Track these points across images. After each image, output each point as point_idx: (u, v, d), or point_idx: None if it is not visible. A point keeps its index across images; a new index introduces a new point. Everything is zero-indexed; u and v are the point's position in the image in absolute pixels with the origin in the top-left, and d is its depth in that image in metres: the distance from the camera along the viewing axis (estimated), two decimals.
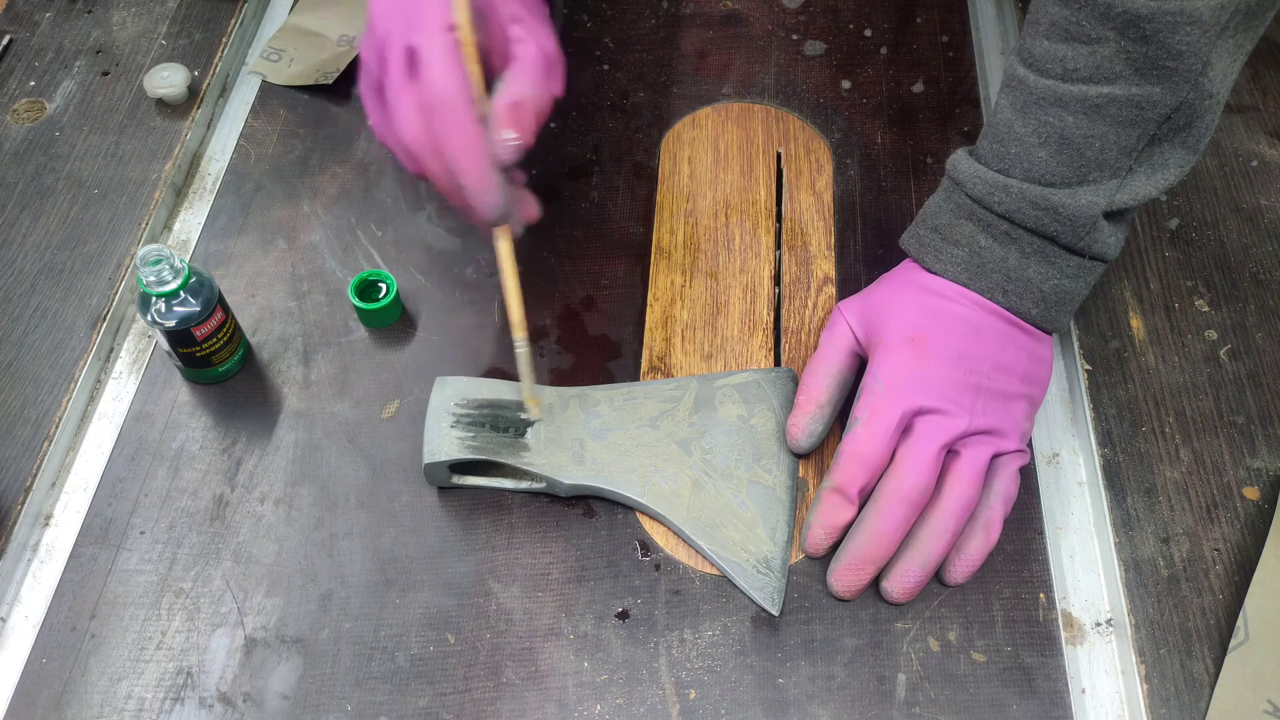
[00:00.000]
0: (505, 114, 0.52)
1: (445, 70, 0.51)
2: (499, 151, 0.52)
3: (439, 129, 0.52)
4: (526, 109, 0.53)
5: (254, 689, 0.53)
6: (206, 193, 0.74)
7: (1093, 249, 0.55)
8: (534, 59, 0.54)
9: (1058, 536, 0.58)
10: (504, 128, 0.52)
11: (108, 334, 0.65)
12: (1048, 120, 0.54)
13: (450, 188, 0.54)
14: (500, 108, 0.52)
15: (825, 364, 0.60)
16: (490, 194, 0.53)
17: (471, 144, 0.52)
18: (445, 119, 0.51)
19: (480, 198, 0.53)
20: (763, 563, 0.56)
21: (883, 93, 0.78)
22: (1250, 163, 0.72)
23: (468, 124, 0.51)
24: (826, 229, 0.70)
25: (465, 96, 0.51)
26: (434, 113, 0.51)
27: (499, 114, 0.52)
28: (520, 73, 0.53)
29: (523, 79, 0.53)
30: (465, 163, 0.52)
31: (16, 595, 0.57)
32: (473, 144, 0.52)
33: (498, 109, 0.52)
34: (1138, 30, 0.50)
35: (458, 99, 0.51)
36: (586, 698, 0.53)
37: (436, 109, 0.51)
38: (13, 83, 0.78)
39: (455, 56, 0.51)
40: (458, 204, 0.55)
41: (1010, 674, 0.53)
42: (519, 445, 0.58)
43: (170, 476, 0.60)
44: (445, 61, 0.51)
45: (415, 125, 0.52)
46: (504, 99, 0.53)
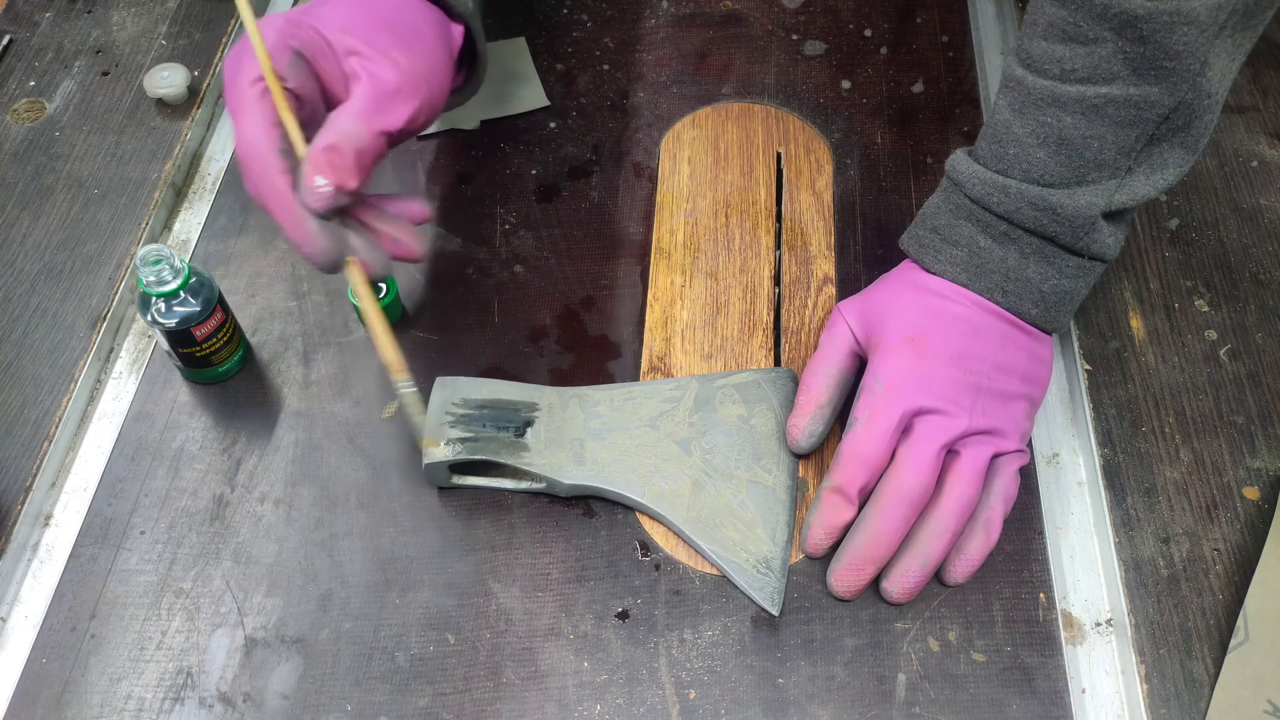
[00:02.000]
0: (319, 159, 0.51)
1: (247, 123, 0.51)
2: (309, 199, 0.51)
3: (249, 182, 0.52)
4: (343, 151, 0.51)
5: (254, 689, 0.53)
6: (206, 193, 0.74)
7: (1092, 249, 0.55)
8: (360, 96, 0.52)
9: (1058, 536, 0.58)
10: (316, 173, 0.51)
11: (108, 334, 0.65)
12: (1046, 121, 0.54)
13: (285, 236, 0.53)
14: (314, 153, 0.51)
15: (825, 364, 0.60)
16: (309, 243, 0.52)
17: (277, 194, 0.51)
18: (251, 172, 0.51)
19: (301, 248, 0.52)
20: (763, 563, 0.56)
21: (883, 93, 0.78)
22: (1250, 163, 0.72)
23: (271, 175, 0.51)
24: (826, 229, 0.70)
25: (267, 147, 0.50)
26: (243, 167, 0.51)
27: (312, 159, 0.51)
28: (344, 112, 0.52)
29: (344, 117, 0.52)
30: (276, 213, 0.51)
31: (16, 595, 0.57)
32: (279, 194, 0.51)
33: (311, 154, 0.51)
34: (1135, 30, 0.50)
35: (258, 151, 0.50)
36: (586, 698, 0.53)
37: (244, 164, 0.51)
38: (13, 83, 0.78)
39: (256, 108, 0.51)
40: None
41: (1010, 674, 0.53)
42: (519, 445, 0.58)
43: (170, 476, 0.60)
44: (247, 114, 0.51)
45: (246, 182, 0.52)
46: (319, 143, 0.51)
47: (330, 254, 0.52)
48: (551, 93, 0.78)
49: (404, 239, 0.56)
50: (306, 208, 0.51)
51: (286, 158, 0.51)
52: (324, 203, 0.51)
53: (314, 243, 0.52)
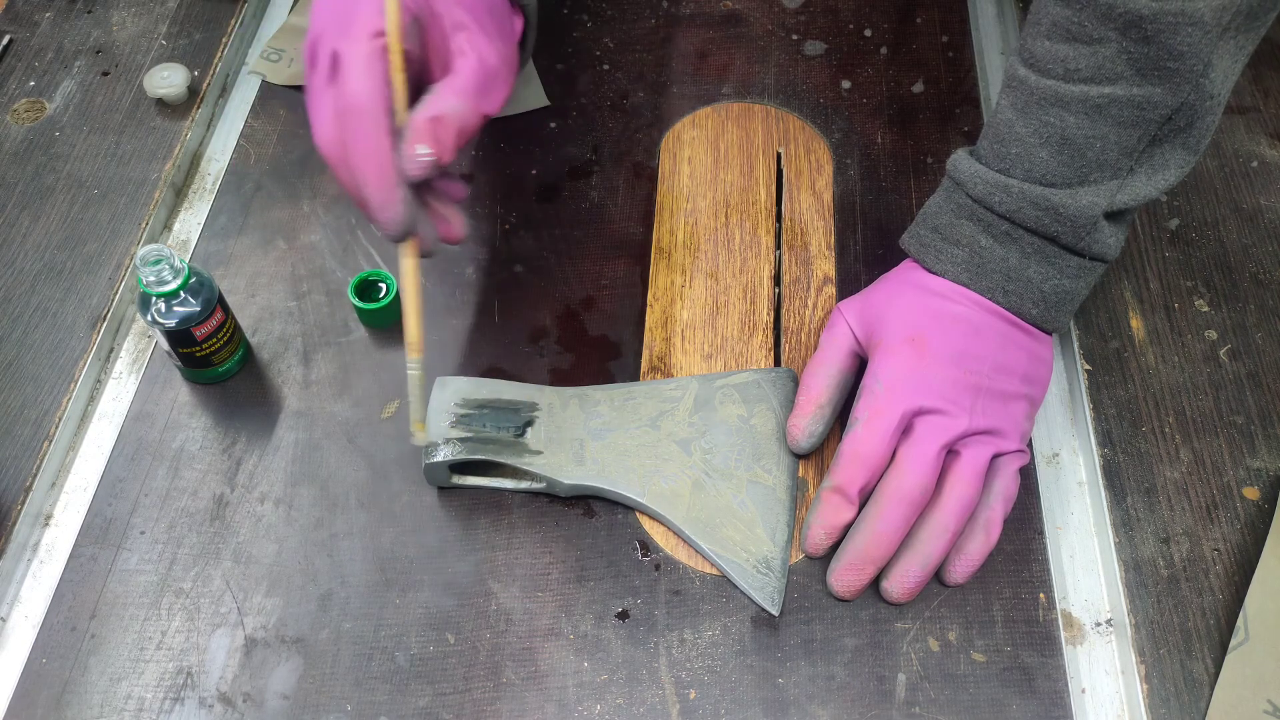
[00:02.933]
0: (423, 128, 0.50)
1: (362, 76, 0.49)
2: (408, 166, 0.51)
3: (347, 136, 0.50)
4: (448, 125, 0.51)
5: (254, 689, 0.53)
6: (206, 193, 0.74)
7: (1093, 249, 0.55)
8: (469, 73, 0.52)
9: (1058, 536, 0.58)
10: (419, 142, 0.50)
11: (108, 334, 0.65)
12: (1049, 120, 0.54)
13: (358, 197, 0.52)
14: (418, 121, 0.50)
15: (825, 364, 0.60)
16: (391, 209, 0.51)
17: (378, 155, 0.50)
18: (355, 126, 0.50)
19: (381, 212, 0.51)
20: (763, 563, 0.56)
21: (883, 93, 0.78)
22: (1250, 163, 0.72)
23: (377, 134, 0.50)
24: (826, 229, 0.70)
25: (379, 105, 0.50)
26: (345, 119, 0.50)
27: (416, 127, 0.50)
28: (450, 86, 0.52)
29: (450, 93, 0.51)
30: (369, 174, 0.50)
31: (16, 595, 0.57)
32: (379, 155, 0.50)
33: (415, 122, 0.50)
34: (1139, 31, 0.50)
35: (369, 107, 0.49)
36: (586, 698, 0.53)
37: (348, 115, 0.50)
38: (13, 83, 0.78)
39: (376, 63, 0.50)
40: (366, 215, 0.53)
41: (1010, 674, 0.53)
42: (519, 445, 0.58)
43: (170, 476, 0.60)
44: (364, 67, 0.49)
45: (329, 130, 0.51)
46: (424, 112, 0.51)
47: (406, 224, 0.52)
48: (551, 93, 0.78)
49: (453, 220, 0.56)
50: (400, 173, 0.51)
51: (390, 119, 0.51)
52: (422, 171, 0.51)
53: (398, 209, 0.51)
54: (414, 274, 0.54)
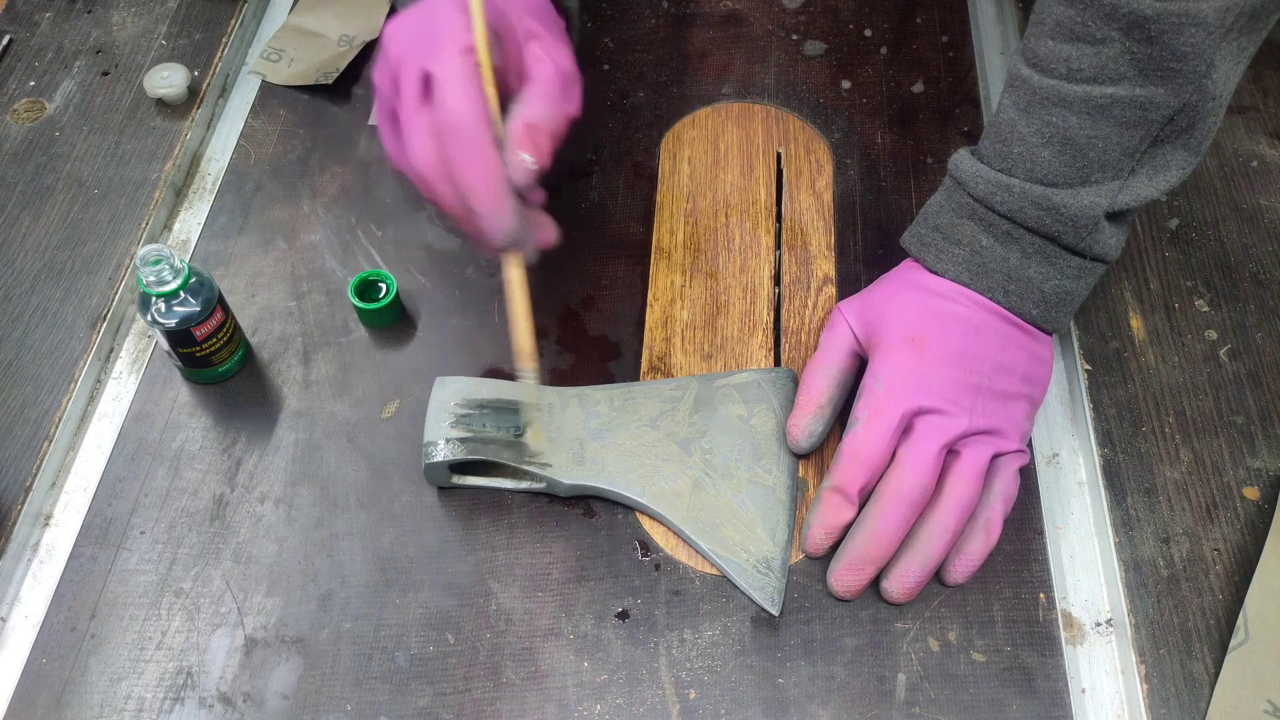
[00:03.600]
0: (521, 136, 0.51)
1: (461, 94, 0.50)
2: (514, 175, 0.52)
3: (453, 153, 0.51)
4: (542, 131, 0.52)
5: (254, 689, 0.53)
6: (206, 193, 0.74)
7: (1094, 249, 0.55)
8: (550, 79, 0.53)
9: (1058, 536, 0.58)
10: (519, 150, 0.51)
11: (108, 334, 0.65)
12: (1051, 120, 0.54)
13: (463, 213, 0.53)
14: (516, 130, 0.52)
15: (825, 364, 0.60)
16: (503, 218, 0.52)
17: (486, 167, 0.51)
18: (460, 143, 0.50)
19: (493, 222, 0.52)
20: (763, 563, 0.56)
21: (883, 93, 0.78)
22: (1250, 163, 0.72)
23: (483, 147, 0.51)
24: (826, 229, 0.70)
25: (481, 120, 0.50)
26: (449, 137, 0.51)
27: (515, 136, 0.51)
28: (536, 93, 0.53)
29: (539, 100, 0.52)
30: (479, 186, 0.51)
31: (16, 595, 0.57)
32: (488, 167, 0.51)
33: (513, 131, 0.52)
34: (1143, 31, 0.50)
35: (473, 122, 0.50)
36: (586, 698, 0.53)
37: (451, 133, 0.50)
38: (13, 83, 0.78)
39: (472, 80, 0.51)
40: (470, 230, 0.54)
41: (1010, 674, 0.53)
42: (519, 445, 0.58)
43: (170, 476, 0.60)
44: (462, 85, 0.50)
45: (428, 150, 0.51)
46: (519, 121, 0.52)
47: (516, 231, 0.53)
48: None
49: (545, 225, 0.57)
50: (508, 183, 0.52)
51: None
52: (528, 178, 0.52)
53: (509, 218, 0.52)
54: (521, 283, 0.55)
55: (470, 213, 0.52)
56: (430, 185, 0.53)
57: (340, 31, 0.81)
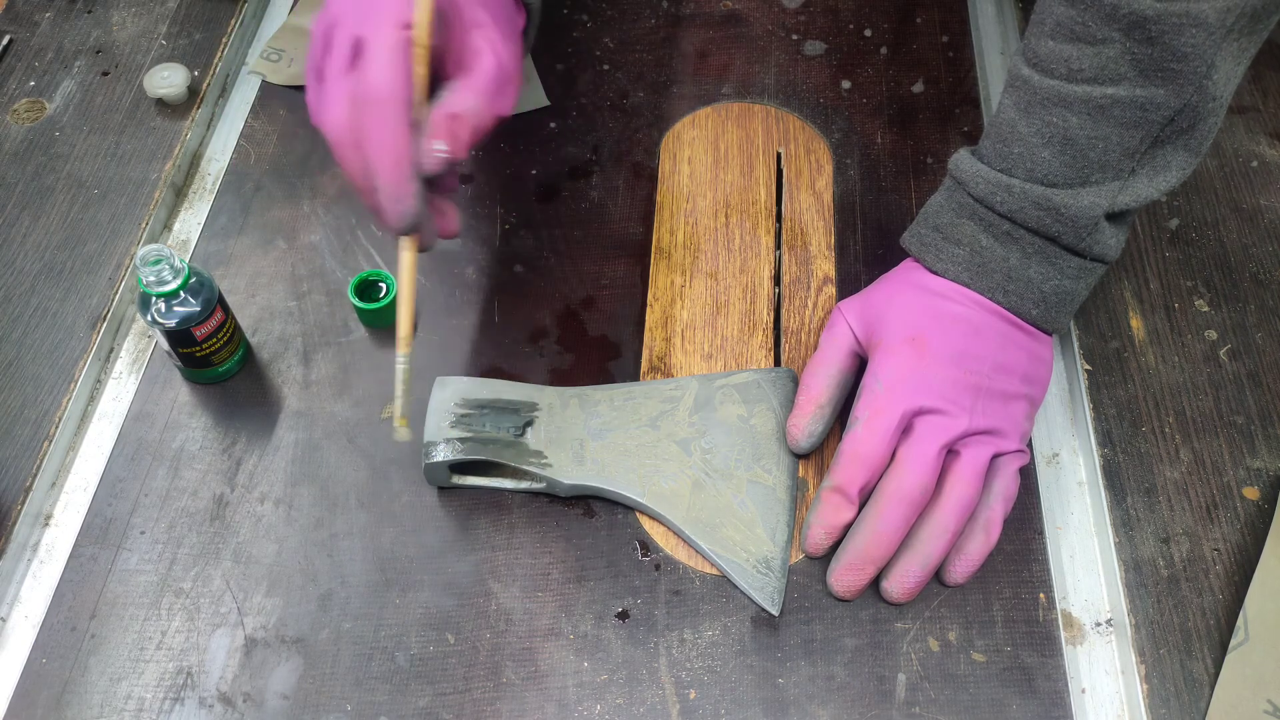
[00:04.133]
0: (441, 123, 0.50)
1: (387, 66, 0.49)
2: (424, 160, 0.51)
3: (366, 124, 0.50)
4: (464, 122, 0.51)
5: (254, 689, 0.53)
6: (206, 193, 0.74)
7: (1094, 250, 0.55)
8: (487, 72, 0.52)
9: (1058, 536, 0.58)
10: (436, 137, 0.50)
11: (108, 334, 0.65)
12: (1051, 120, 0.54)
13: (365, 186, 0.52)
14: (437, 116, 0.51)
15: (825, 364, 0.60)
16: (404, 202, 0.51)
17: (396, 146, 0.50)
18: (375, 116, 0.50)
19: (393, 204, 0.51)
20: (763, 563, 0.56)
21: (883, 93, 0.78)
22: (1250, 163, 0.72)
23: (397, 126, 0.50)
24: (826, 229, 0.70)
25: (401, 97, 0.50)
26: (365, 107, 0.50)
27: (434, 122, 0.50)
28: (468, 84, 0.52)
29: (469, 91, 0.51)
30: (385, 165, 0.50)
31: (16, 595, 0.57)
32: (397, 147, 0.50)
33: (434, 117, 0.51)
34: (1143, 31, 0.50)
35: (391, 97, 0.49)
36: (586, 698, 0.53)
37: (368, 104, 0.49)
38: (13, 83, 0.78)
39: (401, 54, 0.50)
40: (369, 204, 0.53)
41: (1010, 674, 0.53)
42: (519, 445, 0.58)
43: (170, 476, 0.60)
44: (389, 58, 0.49)
45: (342, 116, 0.50)
46: (444, 108, 0.51)
47: (416, 217, 0.52)
48: (551, 93, 0.78)
49: (450, 215, 0.57)
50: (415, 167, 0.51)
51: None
52: (437, 167, 0.51)
53: (409, 202, 0.51)
54: (411, 268, 0.54)
55: (372, 188, 0.51)
56: (338, 151, 0.52)
57: None
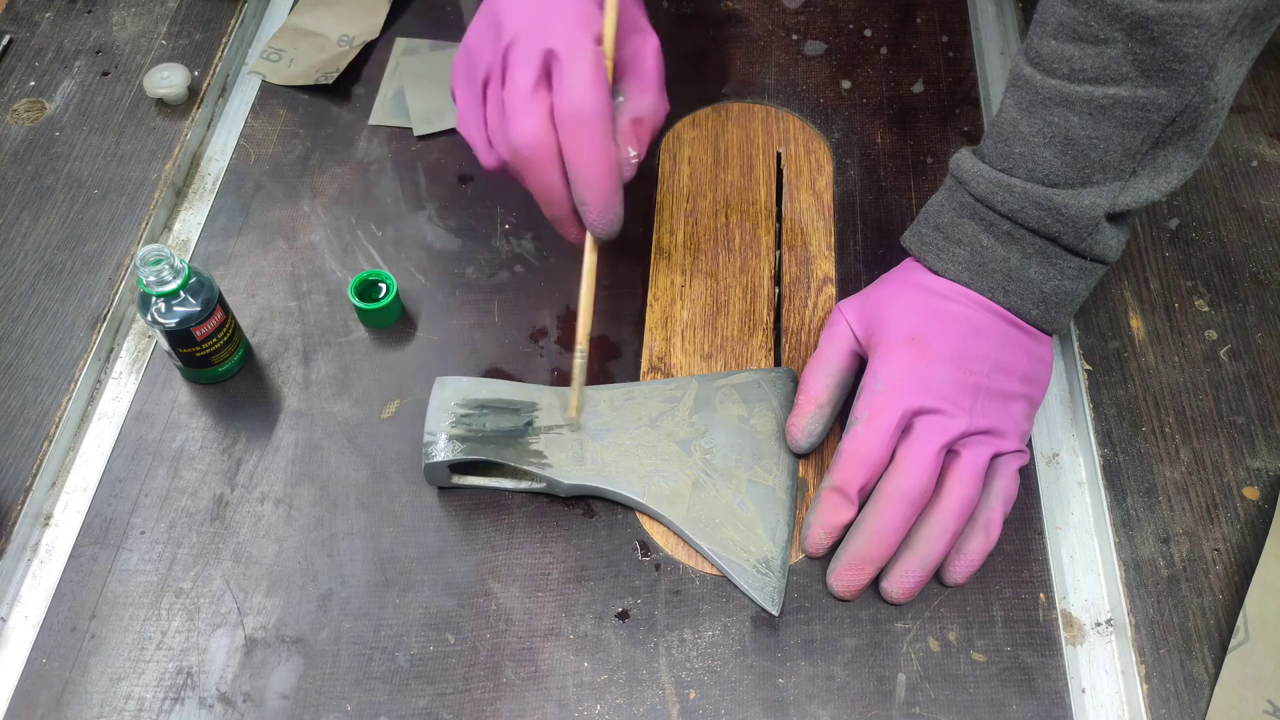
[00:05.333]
0: (629, 130, 0.52)
1: (591, 84, 0.50)
2: (624, 170, 0.52)
3: (574, 142, 0.51)
4: (646, 125, 0.53)
5: (254, 689, 0.53)
6: (206, 193, 0.74)
7: (1094, 250, 0.55)
8: (651, 72, 0.53)
9: (1058, 536, 0.58)
10: (628, 144, 0.52)
11: (108, 334, 0.65)
12: (1053, 120, 0.54)
13: (557, 198, 0.53)
14: (625, 123, 0.52)
15: (825, 364, 0.59)
16: (612, 210, 0.53)
17: (609, 160, 0.51)
18: (584, 133, 0.50)
19: (605, 213, 0.53)
20: (763, 563, 0.56)
21: (883, 93, 0.78)
22: (1250, 163, 0.72)
23: (606, 140, 0.51)
24: (826, 229, 0.70)
25: (607, 112, 0.51)
26: (572, 125, 0.50)
27: (623, 131, 0.52)
28: (642, 88, 0.53)
29: (644, 94, 0.53)
30: (598, 180, 0.51)
31: (16, 595, 0.57)
32: (610, 161, 0.51)
33: (622, 126, 0.52)
34: (1146, 32, 0.50)
35: (601, 114, 0.50)
36: (586, 698, 0.53)
37: (575, 121, 0.50)
38: (13, 83, 0.78)
39: (600, 68, 0.50)
40: (561, 214, 0.54)
41: (1010, 674, 0.53)
42: (519, 445, 0.58)
43: (170, 476, 0.60)
44: (592, 75, 0.50)
45: (538, 133, 0.51)
46: (628, 115, 0.52)
47: (620, 223, 0.54)
48: None
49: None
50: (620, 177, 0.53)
51: None
52: (633, 174, 0.53)
53: (617, 211, 0.53)
54: (594, 270, 0.57)
55: (563, 199, 0.53)
56: (533, 168, 0.52)
57: (340, 31, 0.81)
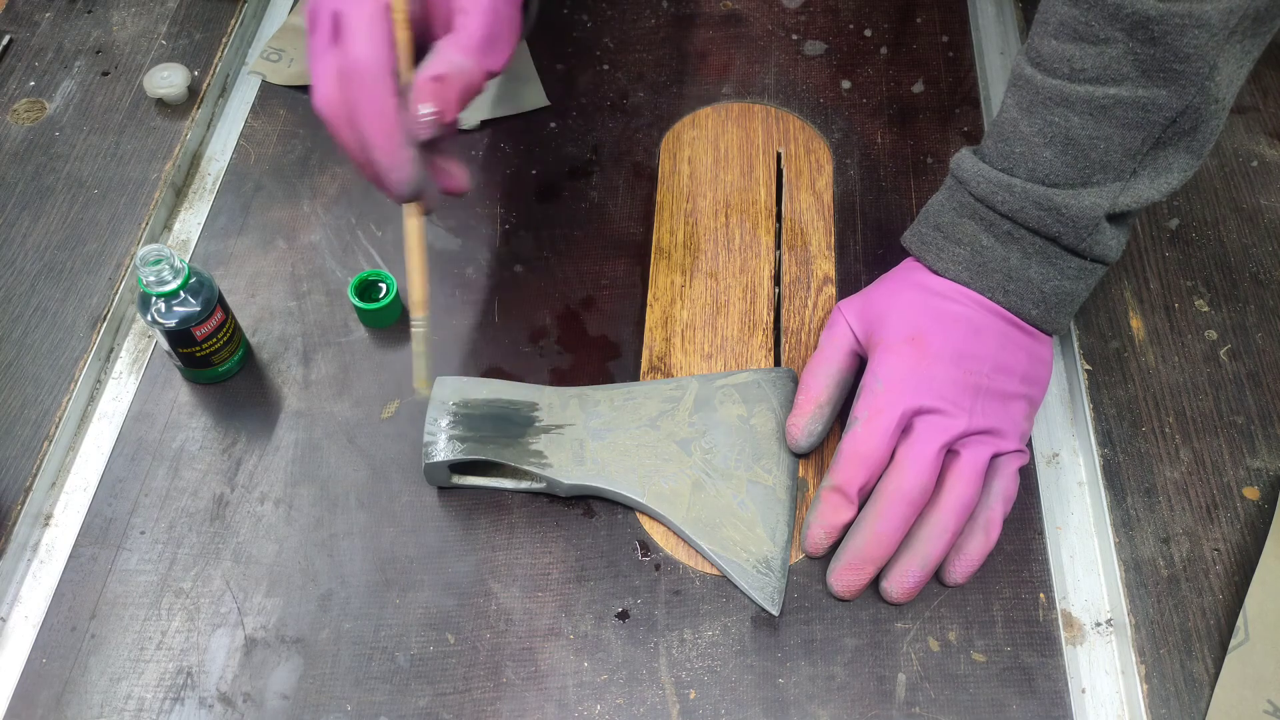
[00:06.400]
0: (426, 87, 0.50)
1: (366, 37, 0.49)
2: (414, 127, 0.51)
3: (354, 98, 0.50)
4: (451, 83, 0.51)
5: (254, 689, 0.53)
6: (206, 193, 0.74)
7: (1094, 251, 0.55)
8: (471, 31, 0.52)
9: (1058, 536, 0.58)
10: (422, 101, 0.50)
11: (108, 334, 0.65)
12: (1053, 120, 0.54)
13: (362, 160, 0.52)
14: (421, 80, 0.51)
15: (825, 364, 0.59)
16: (401, 169, 0.51)
17: (384, 116, 0.50)
18: (360, 88, 0.50)
19: (390, 173, 0.51)
20: (763, 563, 0.56)
21: (883, 93, 0.78)
22: (1250, 163, 0.72)
23: (383, 95, 0.50)
24: (826, 229, 0.70)
25: (384, 66, 0.50)
26: (350, 81, 0.50)
27: (419, 87, 0.50)
28: (453, 44, 0.52)
29: (454, 51, 0.51)
30: (377, 135, 0.50)
31: (16, 595, 0.57)
32: (386, 116, 0.50)
33: (418, 81, 0.51)
34: (1146, 32, 0.50)
35: (375, 68, 0.49)
36: (586, 698, 0.53)
37: (353, 77, 0.50)
38: (13, 83, 0.78)
39: (380, 23, 0.50)
40: (369, 176, 0.53)
41: (1010, 674, 0.53)
42: (519, 445, 0.58)
43: (170, 476, 0.60)
44: (368, 28, 0.49)
45: (332, 92, 0.51)
46: (428, 71, 0.51)
47: (416, 183, 0.52)
48: (551, 93, 0.78)
49: (455, 172, 0.57)
50: (407, 134, 0.51)
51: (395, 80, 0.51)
52: (427, 131, 0.51)
53: (407, 169, 0.51)
54: (419, 233, 0.55)
55: (369, 161, 0.51)
56: (332, 128, 0.52)
57: None
